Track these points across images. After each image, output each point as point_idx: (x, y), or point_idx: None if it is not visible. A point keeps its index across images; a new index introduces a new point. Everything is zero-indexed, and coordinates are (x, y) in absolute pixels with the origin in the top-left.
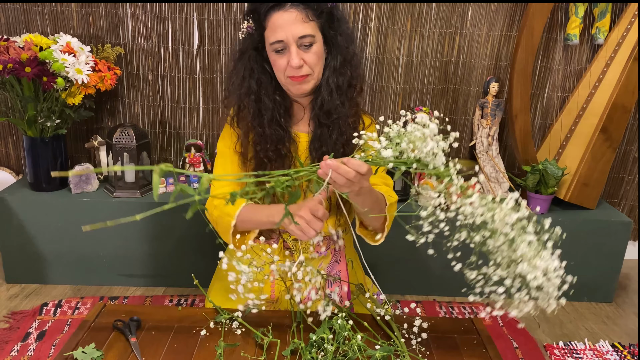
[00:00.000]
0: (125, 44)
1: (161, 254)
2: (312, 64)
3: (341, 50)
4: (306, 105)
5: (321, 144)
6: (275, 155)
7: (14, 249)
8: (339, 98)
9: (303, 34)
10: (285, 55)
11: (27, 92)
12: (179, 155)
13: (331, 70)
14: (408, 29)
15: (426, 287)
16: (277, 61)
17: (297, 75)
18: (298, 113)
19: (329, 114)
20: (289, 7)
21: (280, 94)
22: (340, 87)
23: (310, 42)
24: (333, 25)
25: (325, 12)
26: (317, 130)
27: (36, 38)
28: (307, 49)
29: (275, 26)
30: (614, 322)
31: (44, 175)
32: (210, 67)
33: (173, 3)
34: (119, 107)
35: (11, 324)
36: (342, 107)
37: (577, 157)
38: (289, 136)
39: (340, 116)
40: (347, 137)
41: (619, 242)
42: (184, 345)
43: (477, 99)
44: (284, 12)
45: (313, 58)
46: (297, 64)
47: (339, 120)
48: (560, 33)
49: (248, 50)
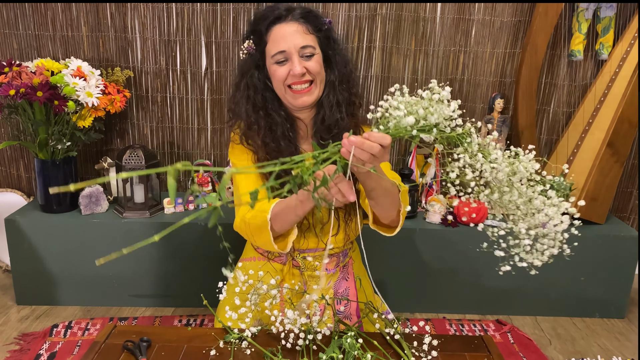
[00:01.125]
0: (134, 67)
1: (170, 274)
2: (315, 71)
3: (340, 69)
4: (307, 122)
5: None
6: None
7: (24, 271)
8: (339, 113)
9: (305, 44)
10: (286, 64)
11: (39, 115)
12: (187, 175)
13: (331, 87)
14: (412, 47)
15: (435, 304)
16: (277, 71)
17: (300, 83)
18: (301, 130)
19: (329, 129)
20: (289, 19)
21: (285, 110)
22: (340, 102)
23: (311, 52)
24: (330, 45)
25: (323, 30)
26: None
27: (48, 63)
28: (309, 58)
29: (277, 38)
30: (626, 338)
31: (54, 197)
32: (218, 89)
33: (181, 27)
34: (128, 129)
35: (22, 346)
36: (342, 122)
37: (585, 172)
38: (298, 152)
39: (340, 130)
40: None
41: (629, 257)
42: None
43: (483, 115)
44: (285, 24)
45: (315, 66)
46: (300, 71)
47: (339, 135)
48: (564, 49)
49: (250, 69)
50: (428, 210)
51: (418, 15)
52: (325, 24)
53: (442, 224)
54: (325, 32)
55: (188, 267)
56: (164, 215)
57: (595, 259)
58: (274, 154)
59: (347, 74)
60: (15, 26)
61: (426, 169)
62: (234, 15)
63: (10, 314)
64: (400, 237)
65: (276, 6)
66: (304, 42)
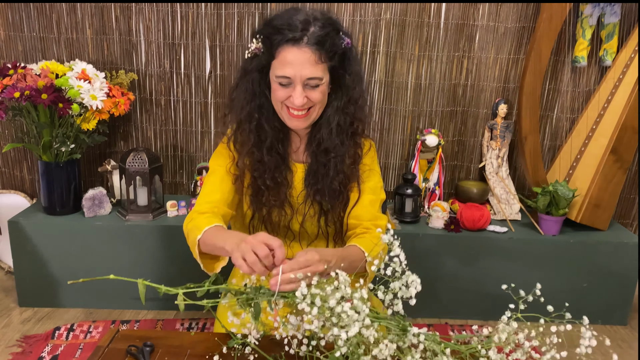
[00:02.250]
0: (138, 70)
1: (173, 276)
2: (316, 101)
3: (348, 91)
4: (303, 135)
5: (317, 180)
6: (272, 183)
7: (27, 273)
8: (339, 137)
9: (312, 76)
10: (288, 88)
11: (43, 118)
12: (190, 178)
13: (334, 109)
14: (416, 53)
15: (438, 310)
16: (277, 91)
17: (298, 110)
18: (295, 142)
19: (326, 152)
20: (303, 44)
21: (279, 121)
22: (341, 126)
23: (317, 83)
24: (343, 66)
25: (338, 53)
26: (313, 166)
27: (52, 65)
28: (313, 89)
29: (286, 61)
30: (629, 345)
31: (57, 199)
32: (222, 92)
33: (186, 30)
34: (132, 132)
35: (24, 348)
36: (341, 147)
37: (588, 178)
38: (287, 164)
39: (338, 154)
40: (344, 175)
41: (632, 264)
42: None
43: (486, 120)
44: (298, 49)
45: (318, 96)
46: (300, 103)
47: (336, 159)
48: (568, 55)
49: (252, 72)
50: (431, 215)
51: (422, 21)
52: (343, 45)
53: (445, 229)
54: (342, 54)
55: (190, 270)
56: (167, 218)
57: (597, 266)
58: (257, 166)
59: (355, 97)
60: (20, 28)
61: (429, 173)
62: (239, 19)
63: (13, 316)
64: (402, 242)
65: (294, 21)
66: (311, 73)
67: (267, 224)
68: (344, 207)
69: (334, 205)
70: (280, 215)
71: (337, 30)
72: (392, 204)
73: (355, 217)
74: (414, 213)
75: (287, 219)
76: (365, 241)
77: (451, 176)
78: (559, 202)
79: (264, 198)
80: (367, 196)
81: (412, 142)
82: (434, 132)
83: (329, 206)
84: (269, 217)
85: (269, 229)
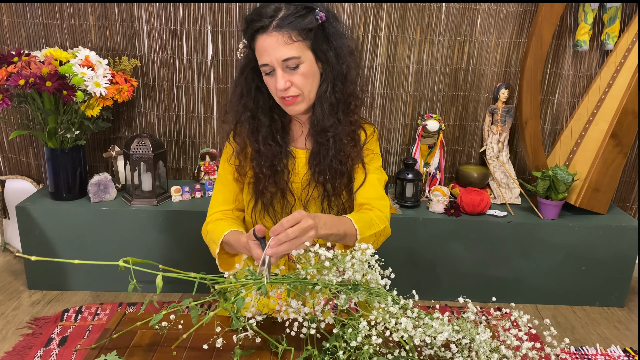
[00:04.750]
0: (141, 56)
1: (178, 260)
2: (300, 84)
3: (333, 67)
4: (304, 122)
5: (319, 160)
6: (270, 171)
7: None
8: (334, 115)
9: (287, 57)
10: (274, 77)
11: (48, 105)
12: (194, 163)
13: (324, 88)
14: (418, 37)
15: (437, 292)
16: (268, 82)
17: (287, 97)
18: (297, 130)
19: (324, 132)
20: (271, 30)
21: (279, 111)
22: (333, 104)
23: (296, 63)
24: (325, 42)
25: (313, 30)
26: (315, 148)
27: (56, 52)
28: (294, 70)
29: (261, 50)
30: (626, 327)
31: (64, 185)
32: (224, 78)
33: (188, 16)
34: (136, 118)
35: (34, 330)
36: (338, 124)
37: (588, 162)
38: (286, 152)
39: (336, 133)
40: (344, 153)
41: (631, 247)
42: (201, 353)
43: (487, 105)
44: (267, 35)
45: (300, 79)
46: (283, 87)
47: (334, 137)
48: (570, 39)
49: (246, 69)
50: (431, 199)
51: (423, 5)
52: (316, 21)
53: (445, 213)
54: (318, 29)
55: (195, 254)
56: (172, 203)
57: (596, 249)
58: (254, 155)
59: (341, 71)
60: (23, 15)
61: (430, 158)
62: (240, 5)
63: (22, 299)
64: (403, 226)
65: (264, 11)
66: (285, 54)
67: (269, 210)
68: (347, 189)
69: (335, 185)
70: (283, 202)
71: (309, 8)
72: (393, 189)
73: (363, 196)
74: (415, 198)
75: (289, 207)
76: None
77: (452, 161)
78: (558, 187)
79: (261, 185)
80: (374, 175)
81: (413, 127)
82: (435, 117)
83: (331, 187)
84: (271, 204)
85: (271, 215)
